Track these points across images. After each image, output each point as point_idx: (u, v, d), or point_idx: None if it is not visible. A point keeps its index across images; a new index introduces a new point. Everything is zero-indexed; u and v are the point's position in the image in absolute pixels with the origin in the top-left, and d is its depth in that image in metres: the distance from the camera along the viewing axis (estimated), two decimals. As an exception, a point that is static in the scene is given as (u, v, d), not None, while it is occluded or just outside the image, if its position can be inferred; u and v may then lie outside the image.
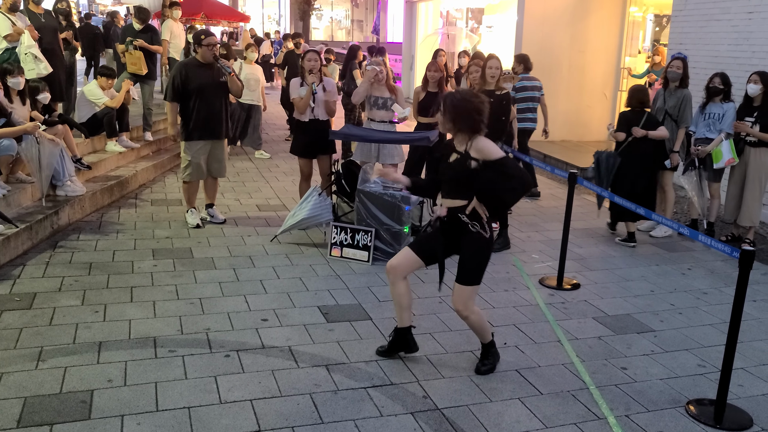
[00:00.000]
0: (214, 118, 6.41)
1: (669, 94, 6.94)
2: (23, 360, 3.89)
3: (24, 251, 5.62)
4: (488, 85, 6.29)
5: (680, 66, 6.86)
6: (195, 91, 6.30)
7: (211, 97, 6.36)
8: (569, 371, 4.10)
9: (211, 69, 6.40)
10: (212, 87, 6.37)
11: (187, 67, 6.38)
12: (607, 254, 6.42)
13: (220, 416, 3.44)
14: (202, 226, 6.67)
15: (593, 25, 12.04)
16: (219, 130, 6.50)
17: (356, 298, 5.05)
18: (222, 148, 6.67)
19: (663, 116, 6.89)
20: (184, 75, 6.30)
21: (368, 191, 5.88)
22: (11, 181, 6.35)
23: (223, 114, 6.50)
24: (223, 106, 6.51)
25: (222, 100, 6.48)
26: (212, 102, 6.37)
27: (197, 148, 6.46)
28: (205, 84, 6.32)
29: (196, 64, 6.39)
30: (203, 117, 6.35)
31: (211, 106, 6.37)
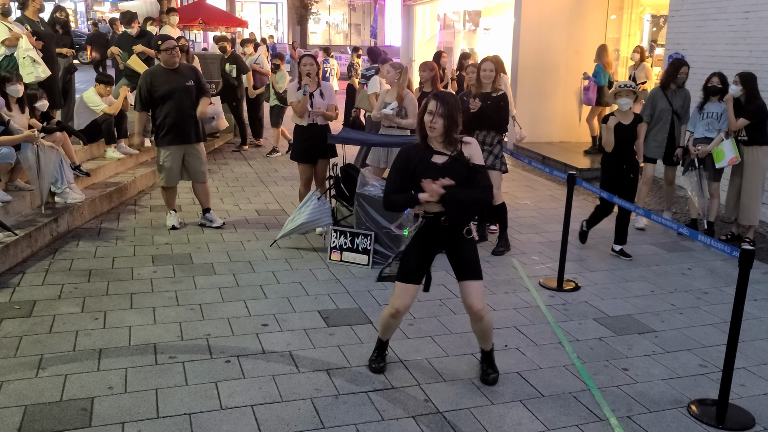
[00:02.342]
0: (183, 123, 6.45)
1: (672, 94, 7.09)
2: (23, 368, 3.88)
3: (23, 259, 5.61)
4: (484, 88, 6.29)
5: (687, 72, 7.14)
6: (162, 97, 6.38)
7: (179, 101, 6.42)
8: (570, 373, 4.09)
9: (177, 74, 6.44)
10: (179, 91, 6.41)
11: (152, 75, 6.47)
12: (607, 255, 6.42)
13: (221, 422, 3.43)
14: (178, 227, 6.74)
15: (589, 26, 12.05)
16: (189, 134, 6.54)
17: (356, 302, 5.05)
18: (197, 152, 6.69)
19: (670, 116, 7.10)
20: (149, 83, 6.38)
21: (367, 195, 5.88)
22: (10, 189, 6.35)
23: (194, 118, 6.54)
24: (193, 110, 6.53)
25: (190, 103, 6.51)
26: (180, 106, 6.42)
27: (168, 153, 6.53)
28: (171, 89, 6.38)
29: (162, 70, 6.46)
30: (171, 122, 6.41)
31: (179, 111, 6.42)
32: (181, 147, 6.57)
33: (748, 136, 6.57)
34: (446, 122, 3.61)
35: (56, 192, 6.55)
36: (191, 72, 6.66)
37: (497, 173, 6.35)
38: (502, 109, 6.24)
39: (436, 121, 3.61)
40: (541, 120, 11.93)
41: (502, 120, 6.28)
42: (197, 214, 7.13)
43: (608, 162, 6.22)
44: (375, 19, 31.23)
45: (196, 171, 6.74)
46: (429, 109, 3.64)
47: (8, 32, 7.39)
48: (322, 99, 6.43)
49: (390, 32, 34.43)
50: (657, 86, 7.41)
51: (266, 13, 45.03)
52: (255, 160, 10.54)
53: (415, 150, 3.75)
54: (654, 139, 7.23)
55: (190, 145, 6.62)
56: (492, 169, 6.32)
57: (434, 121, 3.62)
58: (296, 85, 6.49)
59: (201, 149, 6.76)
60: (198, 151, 6.72)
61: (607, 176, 6.24)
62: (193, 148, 6.65)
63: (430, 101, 3.66)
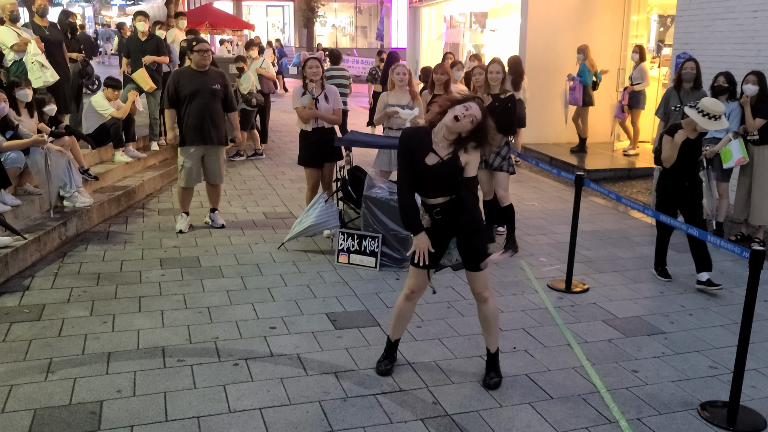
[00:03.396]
0: (205, 124, 6.51)
1: (685, 94, 7.05)
2: (33, 372, 3.90)
3: (33, 263, 5.63)
4: (492, 89, 6.29)
5: (693, 67, 7.02)
6: (187, 97, 6.46)
7: (202, 103, 6.47)
8: (579, 375, 4.07)
9: (205, 75, 6.52)
10: (204, 93, 6.48)
11: (180, 74, 6.59)
12: (615, 256, 6.39)
13: (229, 425, 3.43)
14: (185, 232, 6.76)
15: (596, 27, 12.02)
16: (211, 135, 6.59)
17: (364, 305, 5.04)
18: (216, 154, 6.76)
19: (682, 116, 6.97)
20: (176, 81, 6.49)
21: (374, 197, 5.87)
22: (19, 193, 6.38)
23: (216, 120, 6.59)
24: (217, 112, 6.59)
25: (217, 106, 6.58)
26: (204, 108, 6.48)
27: (189, 153, 6.60)
28: (197, 90, 6.46)
29: (190, 71, 6.56)
30: (195, 123, 6.48)
31: (202, 112, 6.48)
32: (201, 148, 6.63)
33: (760, 135, 6.51)
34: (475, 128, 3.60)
35: (65, 196, 6.58)
36: (219, 77, 6.70)
37: (504, 175, 6.34)
38: (510, 110, 6.23)
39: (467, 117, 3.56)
40: (549, 121, 11.92)
41: (509, 122, 6.26)
42: (204, 215, 7.18)
43: (668, 179, 5.52)
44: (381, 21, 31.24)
45: (213, 173, 6.81)
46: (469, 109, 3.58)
47: (17, 37, 7.43)
48: (327, 103, 6.42)
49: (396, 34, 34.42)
50: (671, 86, 7.39)
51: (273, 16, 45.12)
52: (262, 163, 10.56)
53: (416, 134, 3.76)
54: None
55: (211, 146, 6.67)
56: (499, 171, 6.31)
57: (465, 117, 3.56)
58: (301, 90, 6.45)
59: (221, 152, 6.82)
60: (218, 154, 6.78)
61: (667, 196, 5.56)
62: (212, 149, 6.70)
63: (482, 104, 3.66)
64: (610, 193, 5.55)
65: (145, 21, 9.20)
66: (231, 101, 6.83)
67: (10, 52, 7.46)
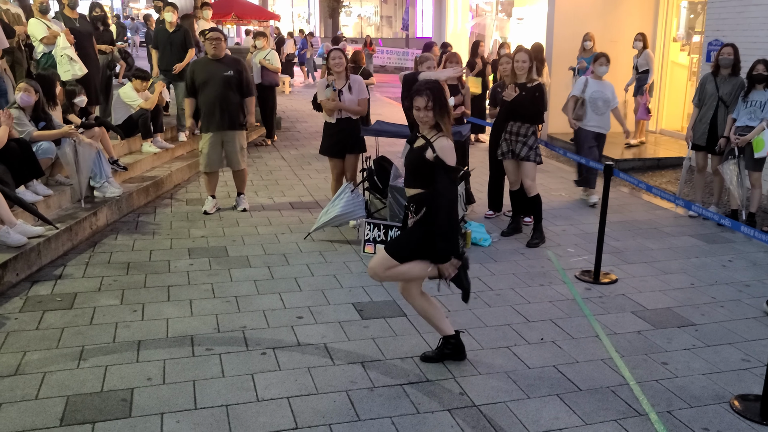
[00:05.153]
0: (217, 110, 6.71)
1: (722, 80, 6.92)
2: (65, 359, 3.97)
3: (64, 252, 5.73)
4: (519, 78, 6.22)
5: (731, 52, 6.91)
6: (203, 85, 6.71)
7: (215, 89, 6.69)
8: (608, 367, 4.03)
9: (218, 63, 6.72)
10: (216, 81, 6.68)
11: (196, 64, 6.93)
12: (644, 247, 6.31)
13: (257, 414, 3.46)
14: (210, 213, 7.06)
15: (625, 15, 11.83)
16: (223, 121, 6.76)
17: (390, 295, 5.04)
18: (232, 140, 6.92)
19: (716, 102, 6.95)
20: (193, 71, 6.79)
21: (401, 187, 5.86)
22: (51, 183, 6.49)
23: (228, 106, 6.75)
24: (229, 98, 6.74)
25: (229, 92, 6.74)
26: (216, 95, 6.69)
27: (207, 139, 6.83)
28: (209, 78, 6.69)
29: (205, 60, 6.86)
30: (207, 110, 6.72)
31: (214, 99, 6.70)
32: (219, 133, 6.82)
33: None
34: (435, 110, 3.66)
35: (95, 186, 6.68)
36: (234, 63, 6.87)
37: (531, 165, 6.28)
38: (537, 99, 6.16)
39: (426, 115, 3.67)
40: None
41: (537, 111, 6.21)
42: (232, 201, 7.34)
43: None
44: (406, 11, 31.11)
45: (231, 158, 7.01)
46: (416, 105, 3.68)
47: (47, 30, 7.53)
48: (350, 94, 6.39)
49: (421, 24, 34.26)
50: (708, 72, 7.26)
51: (298, 6, 45.16)
52: (288, 153, 10.60)
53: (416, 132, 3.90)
54: (699, 126, 7.11)
55: (227, 132, 6.82)
56: (526, 161, 6.26)
57: (425, 116, 3.67)
58: (325, 82, 6.44)
59: (237, 137, 6.94)
60: (234, 139, 6.92)
61: None
62: (228, 135, 6.87)
63: (415, 98, 3.69)
64: (640, 183, 5.48)
65: (174, 12, 9.25)
66: (247, 86, 6.93)
67: (39, 44, 7.57)
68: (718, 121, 6.97)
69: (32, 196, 5.89)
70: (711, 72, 7.11)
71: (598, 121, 7.46)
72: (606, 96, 7.37)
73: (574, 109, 7.49)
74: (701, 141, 7.13)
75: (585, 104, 7.41)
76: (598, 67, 7.45)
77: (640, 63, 10.51)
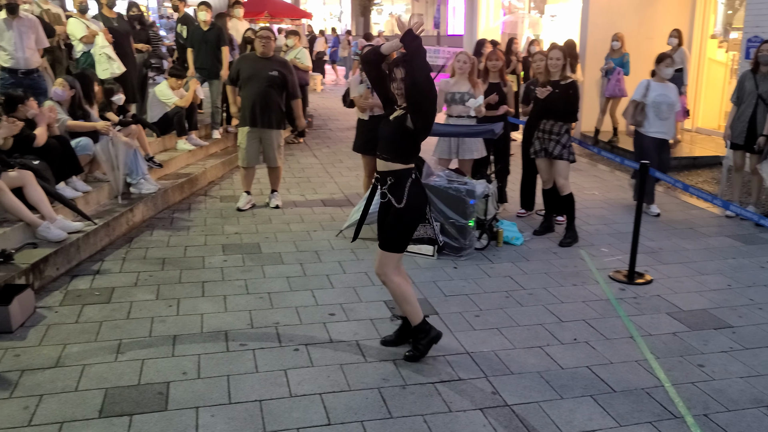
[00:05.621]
0: (257, 108, 6.81)
1: (761, 78, 6.78)
2: (104, 352, 4.05)
3: (102, 247, 5.84)
4: (552, 76, 6.17)
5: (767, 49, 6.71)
6: (246, 80, 6.83)
7: (258, 87, 6.79)
8: (643, 368, 3.99)
9: (265, 62, 6.83)
10: (260, 79, 6.78)
11: (244, 59, 7.12)
12: (680, 247, 6.21)
13: (290, 409, 3.49)
14: (243, 209, 7.13)
15: (661, 11, 11.64)
16: (261, 119, 6.87)
17: (422, 293, 5.05)
18: (270, 138, 7.01)
19: (756, 100, 6.82)
20: (239, 65, 6.97)
21: (432, 185, 5.86)
22: (89, 180, 6.61)
23: (269, 105, 6.84)
24: (270, 97, 6.83)
25: (271, 91, 6.83)
26: (257, 92, 6.79)
27: (245, 134, 6.95)
28: (253, 75, 6.81)
29: (253, 57, 6.99)
30: (248, 105, 6.83)
31: (257, 96, 6.80)
32: (257, 130, 6.93)
33: None
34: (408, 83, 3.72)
35: (132, 183, 6.79)
36: (279, 65, 6.97)
37: (565, 163, 6.23)
38: (571, 97, 6.10)
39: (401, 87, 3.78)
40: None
41: (570, 109, 6.15)
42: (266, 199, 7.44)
43: None
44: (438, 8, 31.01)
45: (268, 155, 7.13)
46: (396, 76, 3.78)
47: (86, 29, 7.68)
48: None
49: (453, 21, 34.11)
50: (746, 69, 7.12)
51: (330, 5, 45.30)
52: (320, 151, 10.66)
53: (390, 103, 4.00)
54: (737, 124, 6.97)
55: (264, 129, 6.92)
56: (560, 159, 6.21)
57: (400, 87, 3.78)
58: (358, 78, 6.48)
59: (275, 135, 7.05)
60: (272, 137, 7.02)
61: None
62: (266, 133, 6.97)
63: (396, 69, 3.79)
64: (677, 182, 5.40)
65: (207, 11, 9.36)
66: (292, 89, 7.00)
67: (79, 43, 7.73)
68: (757, 120, 6.83)
69: (72, 192, 6.02)
70: (750, 69, 6.97)
71: (662, 127, 6.98)
72: (671, 100, 6.94)
73: (634, 114, 7.08)
74: (739, 140, 7.00)
75: (645, 109, 6.97)
76: (663, 68, 6.94)
77: (675, 60, 10.30)
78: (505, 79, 6.92)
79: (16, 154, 5.63)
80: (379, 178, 3.95)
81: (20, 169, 5.38)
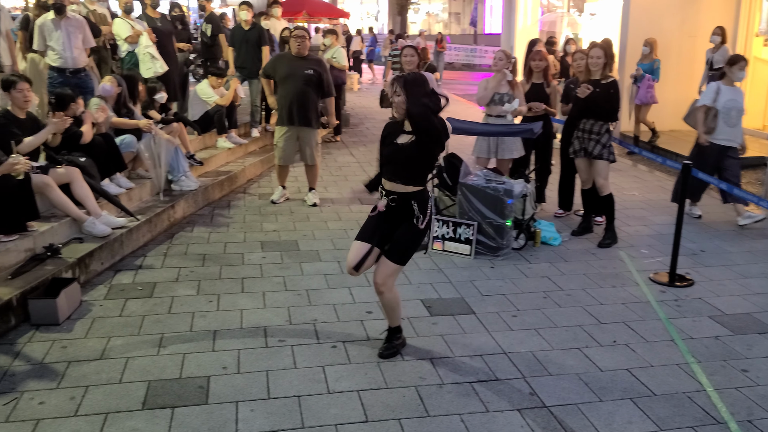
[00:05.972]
0: (293, 107, 6.89)
1: None
2: (146, 346, 4.14)
3: (144, 243, 5.96)
4: (593, 75, 6.11)
5: None
6: (282, 80, 6.93)
7: (293, 86, 6.88)
8: (684, 372, 3.93)
9: (300, 61, 6.92)
10: (296, 78, 6.88)
11: (279, 58, 7.21)
12: (722, 250, 6.09)
13: (328, 406, 3.53)
14: (277, 202, 7.37)
15: (705, 8, 11.41)
16: (298, 118, 6.97)
17: (459, 292, 5.04)
18: (307, 136, 7.11)
19: None
20: (275, 63, 7.10)
21: (471, 184, 5.85)
22: (132, 176, 6.75)
23: (305, 103, 6.92)
24: (306, 95, 6.91)
25: (308, 90, 6.91)
26: (295, 91, 6.89)
27: (281, 133, 7.05)
28: (289, 74, 6.90)
29: (289, 56, 7.05)
30: (284, 104, 6.91)
31: (294, 95, 6.89)
32: (294, 129, 7.02)
33: None
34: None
35: (173, 180, 6.92)
36: (315, 63, 7.06)
37: (605, 163, 6.16)
38: (612, 97, 6.03)
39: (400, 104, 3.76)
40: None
41: (611, 108, 6.07)
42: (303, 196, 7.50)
43: None
44: (475, 7, 30.86)
45: (305, 153, 7.23)
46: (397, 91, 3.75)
47: (131, 29, 7.84)
48: None
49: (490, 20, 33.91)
50: None
51: (367, 4, 45.41)
52: (357, 150, 10.70)
53: (392, 125, 3.96)
54: None
55: (302, 128, 7.01)
56: (600, 159, 6.14)
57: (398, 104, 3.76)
58: None
59: (312, 134, 7.13)
60: (309, 135, 7.11)
61: None
62: (303, 131, 7.06)
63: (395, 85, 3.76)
64: (721, 183, 5.30)
65: (249, 10, 9.47)
66: (327, 87, 7.09)
67: (124, 43, 7.89)
68: None
69: (116, 189, 6.15)
70: None
71: (729, 134, 6.62)
72: (740, 105, 6.60)
73: (706, 120, 6.68)
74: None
75: (718, 115, 6.58)
76: (737, 71, 6.58)
77: (716, 59, 10.08)
78: (549, 80, 6.86)
79: (63, 150, 5.78)
80: (397, 199, 3.84)
81: (67, 166, 5.52)
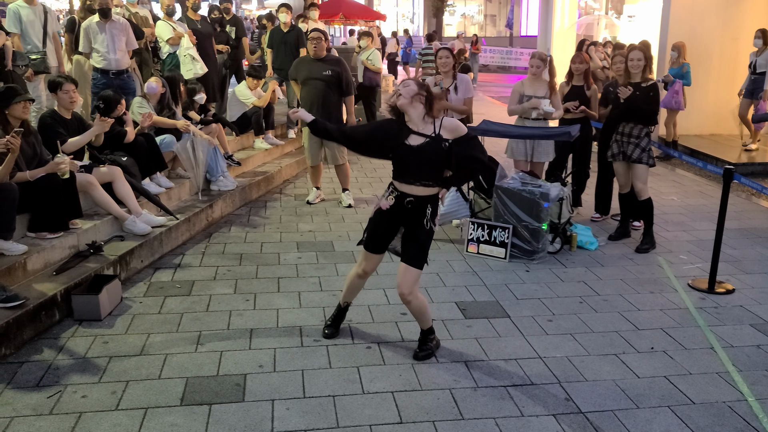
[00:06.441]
0: (314, 108, 6.90)
1: None
2: (185, 343, 4.21)
3: (183, 242, 6.07)
4: (633, 78, 6.03)
5: None
6: (303, 83, 7.04)
7: (314, 88, 6.97)
8: (724, 380, 3.86)
9: (319, 63, 6.98)
10: (315, 80, 6.95)
11: (300, 61, 7.27)
12: (764, 257, 5.96)
13: (363, 406, 3.55)
14: (313, 203, 7.46)
15: (749, 10, 11.17)
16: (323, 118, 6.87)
17: (493, 295, 5.03)
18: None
19: None
20: (297, 66, 7.17)
21: (506, 187, 5.82)
22: (172, 176, 6.88)
23: (326, 104, 6.98)
24: (326, 96, 6.97)
25: (328, 91, 6.98)
26: (317, 93, 6.97)
27: (307, 134, 7.17)
28: (308, 76, 6.99)
29: (308, 59, 7.13)
30: (309, 107, 6.94)
31: (315, 97, 6.97)
32: None
33: None
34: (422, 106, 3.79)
35: (211, 180, 7.03)
36: (334, 63, 7.09)
37: (644, 167, 6.08)
38: (652, 99, 5.95)
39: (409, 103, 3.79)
40: (691, 111, 11.22)
41: (651, 111, 6.00)
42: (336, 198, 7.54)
43: None
44: (511, 9, 30.68)
45: (330, 154, 7.29)
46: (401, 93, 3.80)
47: (172, 31, 7.99)
48: (456, 94, 6.41)
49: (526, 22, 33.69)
50: None
51: (403, 6, 45.46)
52: (391, 152, 10.71)
53: (390, 126, 3.91)
54: None
55: None
56: (639, 163, 6.06)
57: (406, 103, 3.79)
58: (432, 81, 6.50)
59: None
60: None
61: None
62: None
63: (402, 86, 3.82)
64: (765, 189, 5.19)
65: (288, 12, 9.56)
66: (347, 86, 7.13)
67: (165, 45, 8.05)
68: None
69: (156, 188, 6.28)
70: None
71: None
72: None
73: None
74: None
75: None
76: None
77: (760, 63, 9.86)
78: (589, 83, 6.80)
79: (106, 150, 5.92)
80: (413, 202, 3.83)
81: (110, 165, 5.65)
